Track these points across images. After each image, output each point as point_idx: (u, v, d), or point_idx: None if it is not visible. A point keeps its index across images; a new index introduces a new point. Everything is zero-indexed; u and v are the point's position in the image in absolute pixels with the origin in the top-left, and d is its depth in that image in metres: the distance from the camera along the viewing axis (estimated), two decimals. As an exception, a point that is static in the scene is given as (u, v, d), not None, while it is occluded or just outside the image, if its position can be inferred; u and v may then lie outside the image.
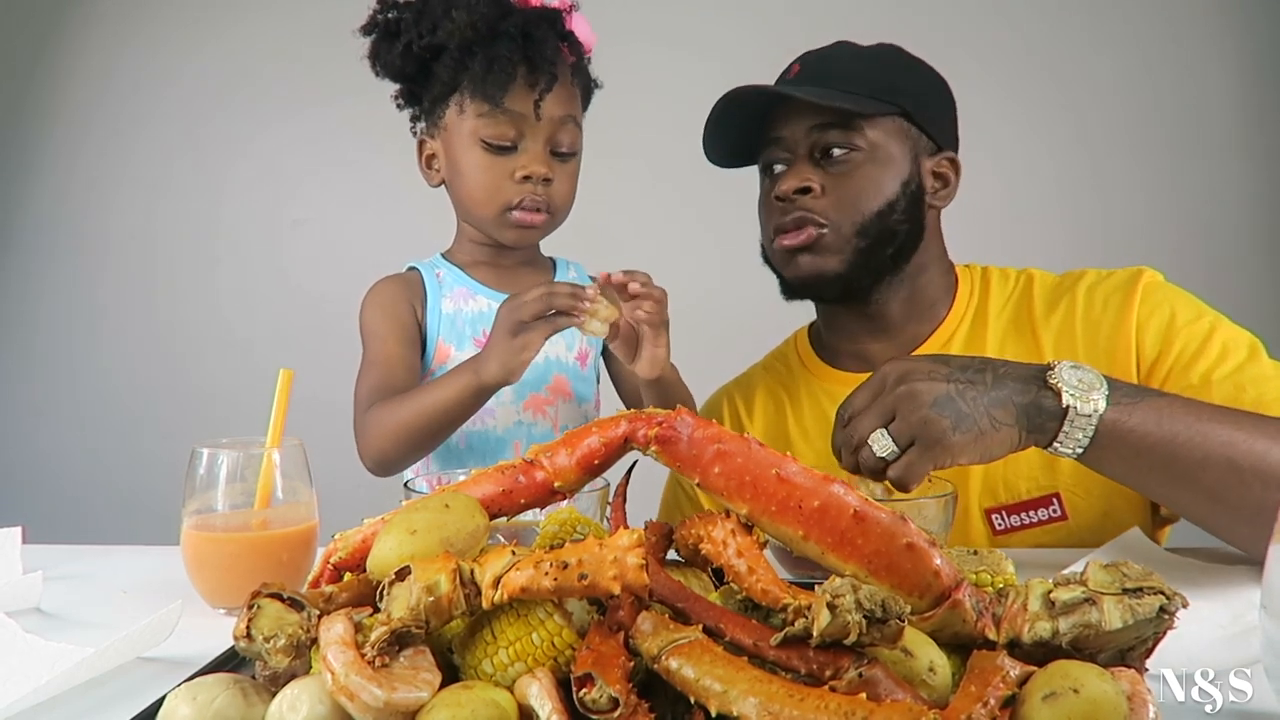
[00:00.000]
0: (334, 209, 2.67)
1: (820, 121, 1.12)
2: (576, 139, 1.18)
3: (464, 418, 1.09)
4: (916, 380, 0.85)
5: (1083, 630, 0.53)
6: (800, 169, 1.13)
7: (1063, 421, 0.84)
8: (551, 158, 1.16)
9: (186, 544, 0.87)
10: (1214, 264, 2.36)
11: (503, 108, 1.12)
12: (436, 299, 1.20)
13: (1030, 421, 0.85)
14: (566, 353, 1.22)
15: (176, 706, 0.53)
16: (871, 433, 0.85)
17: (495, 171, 1.15)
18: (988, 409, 0.85)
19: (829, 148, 1.13)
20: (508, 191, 1.14)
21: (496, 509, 0.65)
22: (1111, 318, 1.11)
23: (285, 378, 0.91)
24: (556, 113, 1.14)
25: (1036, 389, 0.85)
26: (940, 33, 2.40)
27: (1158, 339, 1.08)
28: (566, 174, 1.18)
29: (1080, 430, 0.84)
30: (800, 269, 1.15)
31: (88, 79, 2.71)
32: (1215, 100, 2.48)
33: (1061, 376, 0.85)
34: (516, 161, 1.14)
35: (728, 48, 2.38)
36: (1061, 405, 0.84)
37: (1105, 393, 0.85)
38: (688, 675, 0.50)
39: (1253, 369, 1.02)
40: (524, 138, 1.14)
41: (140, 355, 2.70)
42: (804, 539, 0.59)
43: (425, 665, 0.53)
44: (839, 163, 1.13)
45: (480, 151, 1.14)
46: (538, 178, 1.14)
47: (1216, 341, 1.05)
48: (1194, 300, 1.11)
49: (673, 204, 2.50)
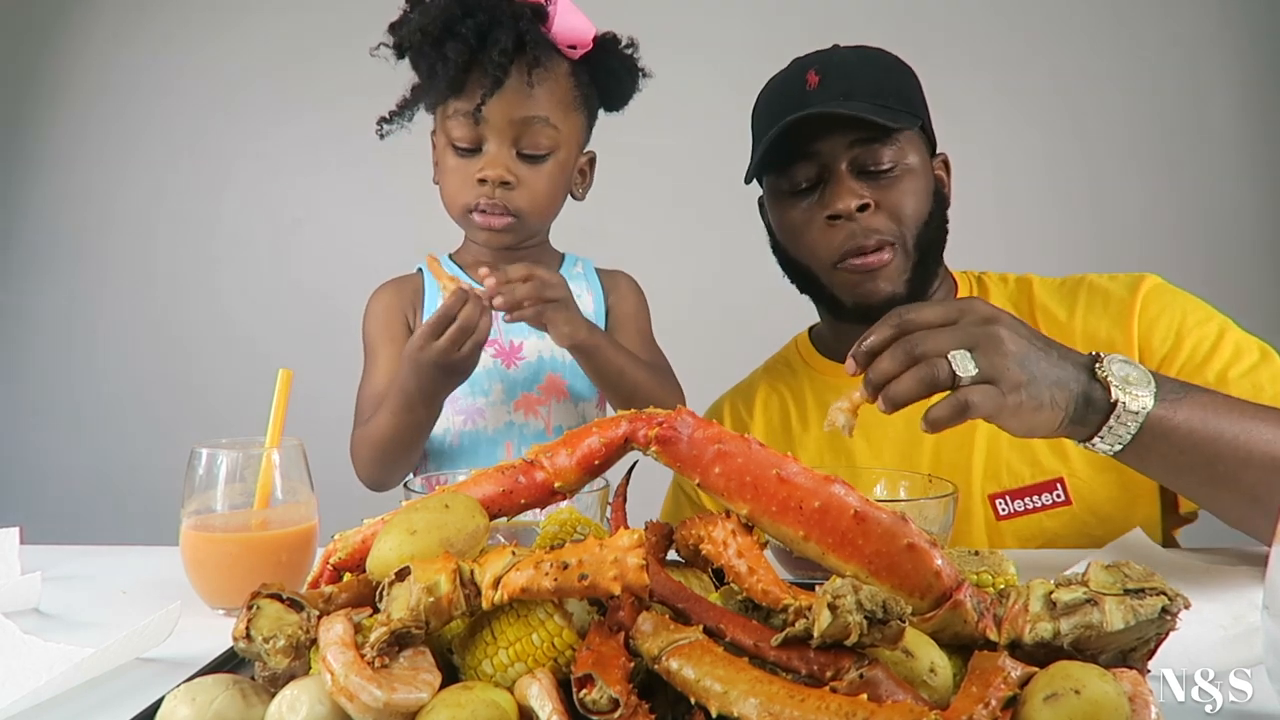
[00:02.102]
0: (334, 209, 2.67)
1: (860, 136, 1.10)
2: (552, 139, 1.15)
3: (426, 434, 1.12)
4: (1004, 326, 0.82)
5: (1084, 631, 0.53)
6: (849, 185, 1.10)
7: (1108, 416, 0.82)
8: (518, 160, 1.14)
9: (186, 544, 0.87)
10: (1213, 267, 2.36)
11: (465, 109, 1.12)
12: (434, 303, 1.20)
13: (1077, 412, 0.82)
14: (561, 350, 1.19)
15: (176, 707, 0.53)
16: (951, 351, 0.80)
17: (460, 173, 1.15)
18: (1052, 385, 0.81)
19: (870, 163, 1.11)
20: (466, 194, 1.15)
21: (496, 509, 0.65)
22: (1113, 317, 1.11)
23: (285, 378, 0.91)
24: (516, 114, 1.12)
25: (1088, 378, 0.83)
26: (940, 33, 2.40)
27: (1167, 338, 1.08)
28: (537, 175, 1.16)
29: (1124, 427, 0.81)
30: (872, 295, 1.11)
31: (88, 78, 2.71)
32: (1215, 102, 2.48)
33: (1111, 370, 0.82)
34: (478, 164, 1.14)
35: (729, 47, 2.39)
36: (1110, 400, 0.81)
37: (1153, 390, 0.82)
38: (688, 676, 0.50)
39: (1268, 369, 1.03)
40: (486, 140, 1.14)
41: (140, 355, 2.70)
42: (804, 539, 0.59)
43: (425, 666, 0.53)
44: (882, 177, 1.11)
45: (451, 153, 1.15)
46: (494, 181, 1.13)
47: (1229, 342, 1.06)
48: (1202, 303, 1.12)
49: (674, 204, 2.50)
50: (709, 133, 2.39)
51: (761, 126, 1.17)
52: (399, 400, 1.08)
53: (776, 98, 1.16)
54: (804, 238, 1.15)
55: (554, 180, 1.18)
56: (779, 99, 1.15)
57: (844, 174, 1.11)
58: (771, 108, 1.16)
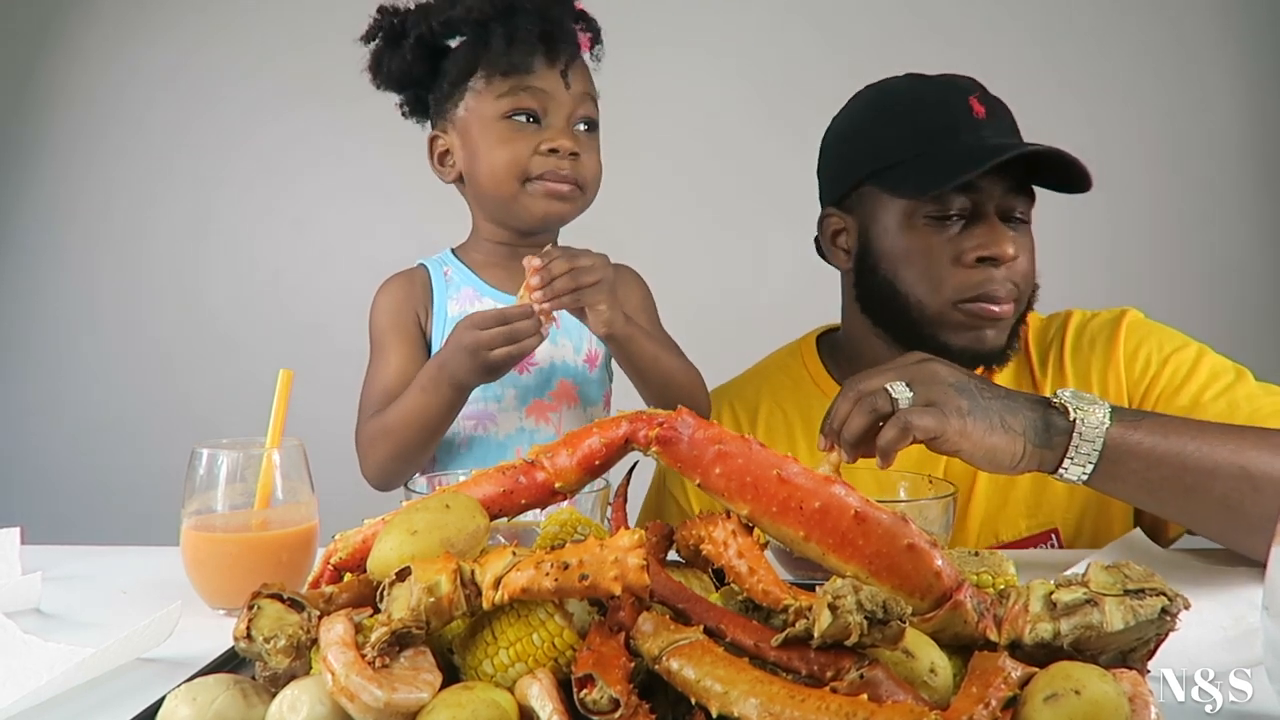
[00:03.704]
0: (332, 208, 2.66)
1: (1013, 184, 1.08)
2: (596, 114, 1.16)
3: (447, 423, 1.10)
4: (938, 364, 0.88)
5: (1084, 631, 0.53)
6: (1003, 231, 1.08)
7: (1070, 436, 0.85)
8: (576, 132, 1.14)
9: (186, 544, 0.87)
10: (1215, 275, 2.37)
11: (525, 83, 1.11)
12: (443, 300, 1.19)
13: (1038, 436, 0.86)
14: (574, 355, 1.19)
15: (176, 707, 0.53)
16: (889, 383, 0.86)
17: (518, 145, 1.11)
18: (1000, 411, 0.86)
19: (1016, 210, 1.10)
20: (532, 164, 1.12)
21: (497, 509, 0.65)
22: (1100, 357, 1.14)
23: (285, 378, 0.91)
24: (579, 88, 1.13)
25: (1044, 407, 0.87)
26: (941, 33, 2.40)
27: (1148, 368, 1.11)
28: (593, 148, 1.16)
29: (1089, 444, 0.85)
30: (985, 342, 1.11)
31: (84, 78, 2.71)
32: (1219, 105, 2.48)
33: (1064, 397, 0.88)
34: (541, 135, 1.12)
35: (744, 49, 2.38)
36: (1069, 419, 0.85)
37: (1108, 410, 0.87)
38: (688, 676, 0.50)
39: (1243, 389, 1.05)
40: (548, 113, 1.12)
41: (139, 355, 2.70)
42: (805, 540, 0.59)
43: (426, 666, 0.53)
44: (1020, 227, 1.11)
45: (503, 128, 1.12)
46: (564, 151, 1.11)
47: (1205, 366, 1.08)
48: (1178, 333, 1.14)
49: (689, 205, 2.49)
50: (718, 131, 2.40)
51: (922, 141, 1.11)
52: (429, 378, 1.07)
53: (940, 115, 1.11)
54: (933, 269, 1.10)
55: (599, 156, 1.17)
56: (944, 116, 1.11)
57: (992, 217, 1.08)
58: (937, 124, 1.11)
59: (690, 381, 1.14)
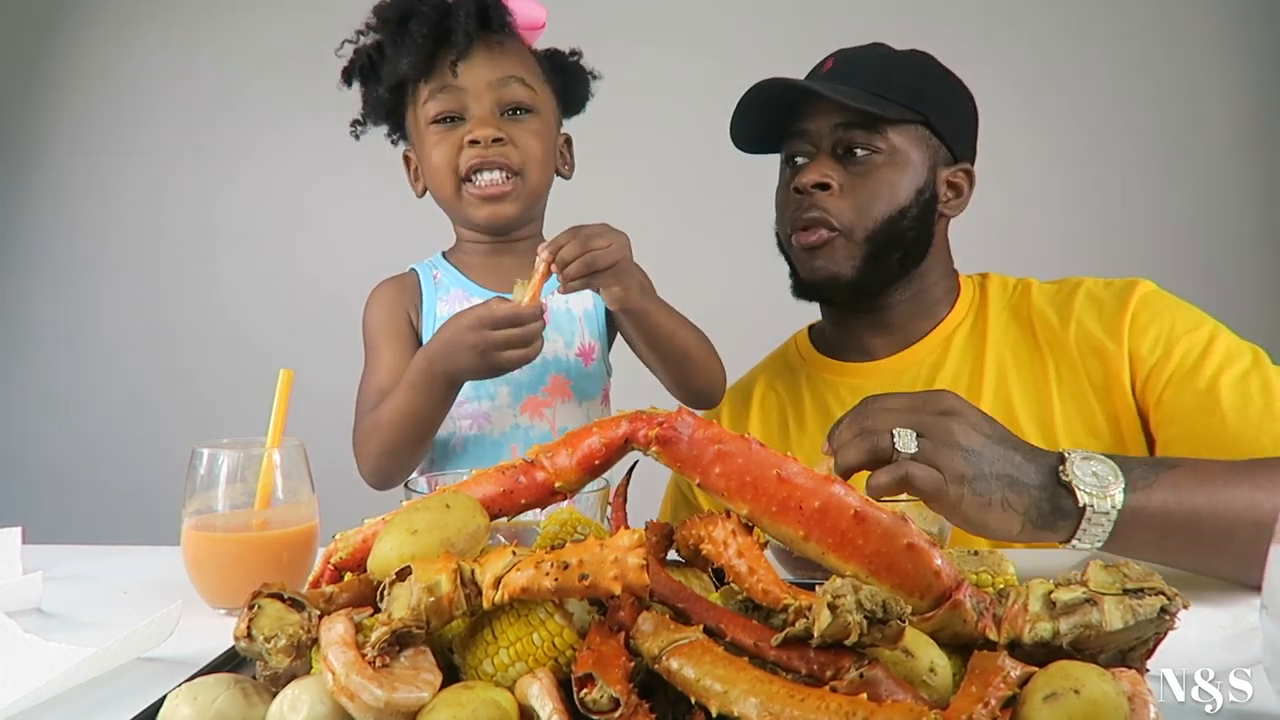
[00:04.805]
0: (335, 208, 2.66)
1: (845, 120, 1.14)
2: (530, 97, 1.15)
3: (439, 418, 1.10)
4: (960, 420, 0.82)
5: (1084, 631, 0.53)
6: (822, 164, 1.15)
7: (1080, 520, 0.81)
8: (503, 119, 1.13)
9: (187, 544, 0.87)
10: (1212, 264, 2.37)
11: (442, 84, 1.11)
12: (432, 302, 1.19)
13: (1041, 519, 0.81)
14: (566, 350, 1.18)
15: (177, 707, 0.53)
16: (898, 428, 0.81)
17: (445, 146, 1.13)
18: (1004, 487, 0.81)
19: (851, 146, 1.15)
20: (461, 160, 1.12)
21: (497, 509, 0.65)
22: (1105, 324, 1.12)
23: (285, 378, 0.91)
24: (493, 74, 1.12)
25: (1053, 484, 0.81)
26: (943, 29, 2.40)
27: (1156, 346, 1.09)
28: (526, 132, 1.14)
29: (1099, 526, 0.81)
30: (815, 272, 1.17)
31: (89, 77, 2.71)
32: (1213, 102, 2.48)
33: (1074, 474, 0.81)
34: (464, 129, 1.12)
35: (727, 45, 2.39)
36: (1078, 505, 0.80)
37: (1122, 485, 0.81)
38: (688, 675, 0.50)
39: (1258, 377, 1.03)
40: (468, 108, 1.12)
41: (141, 355, 2.70)
42: (805, 539, 0.59)
43: (426, 665, 0.53)
44: (859, 162, 1.15)
45: (432, 133, 1.14)
46: (486, 140, 1.11)
47: (1219, 348, 1.06)
48: (1193, 309, 1.12)
49: (671, 202, 2.50)
50: (708, 129, 2.40)
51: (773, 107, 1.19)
52: (418, 373, 1.07)
53: None
54: (778, 209, 1.24)
55: (543, 139, 1.16)
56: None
57: (824, 153, 1.16)
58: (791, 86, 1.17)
59: (707, 355, 1.14)
